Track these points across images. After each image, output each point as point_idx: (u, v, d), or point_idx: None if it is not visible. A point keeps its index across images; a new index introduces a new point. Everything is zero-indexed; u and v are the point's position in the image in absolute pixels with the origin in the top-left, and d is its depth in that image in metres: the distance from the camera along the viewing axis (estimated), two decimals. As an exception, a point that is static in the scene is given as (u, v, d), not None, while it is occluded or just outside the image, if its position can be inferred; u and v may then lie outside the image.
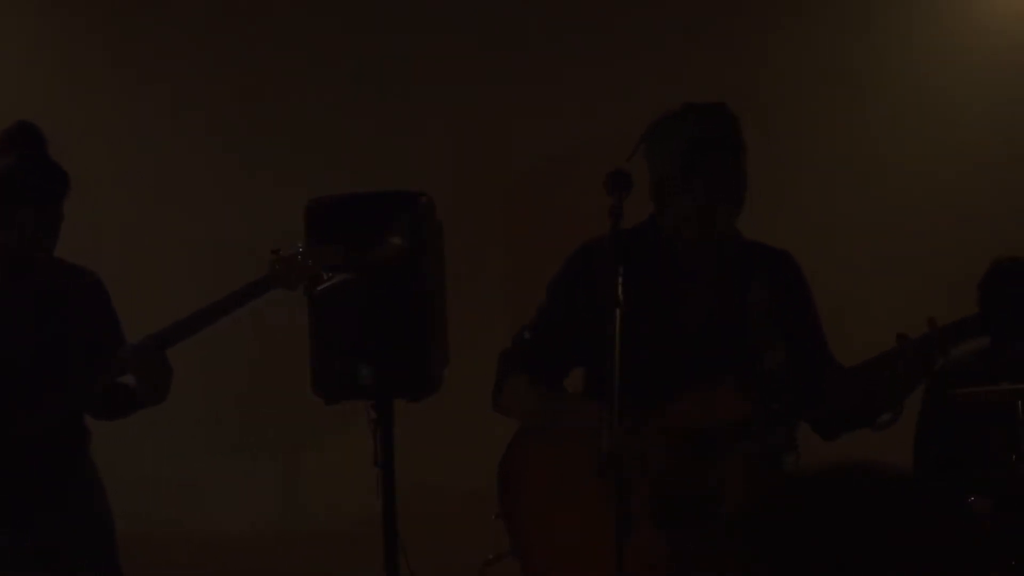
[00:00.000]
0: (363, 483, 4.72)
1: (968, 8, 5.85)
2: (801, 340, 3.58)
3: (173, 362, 4.02)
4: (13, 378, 4.00)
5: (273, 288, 3.99)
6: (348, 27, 6.02)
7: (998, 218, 5.66)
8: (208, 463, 5.66)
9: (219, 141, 6.01)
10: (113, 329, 4.14)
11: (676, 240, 3.57)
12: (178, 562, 4.34)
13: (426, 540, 4.72)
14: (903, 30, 5.85)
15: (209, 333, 4.07)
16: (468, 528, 4.40)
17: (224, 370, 5.75)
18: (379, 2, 6.05)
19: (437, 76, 5.95)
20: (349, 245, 4.26)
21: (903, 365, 3.35)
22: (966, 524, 1.44)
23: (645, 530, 3.40)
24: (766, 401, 3.44)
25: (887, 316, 3.44)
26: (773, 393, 3.45)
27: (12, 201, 3.95)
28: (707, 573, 3.11)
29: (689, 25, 5.93)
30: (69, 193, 4.03)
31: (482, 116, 5.92)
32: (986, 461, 4.57)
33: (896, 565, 1.38)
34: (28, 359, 4.02)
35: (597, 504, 3.40)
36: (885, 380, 3.36)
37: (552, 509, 3.55)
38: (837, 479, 1.47)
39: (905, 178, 5.82)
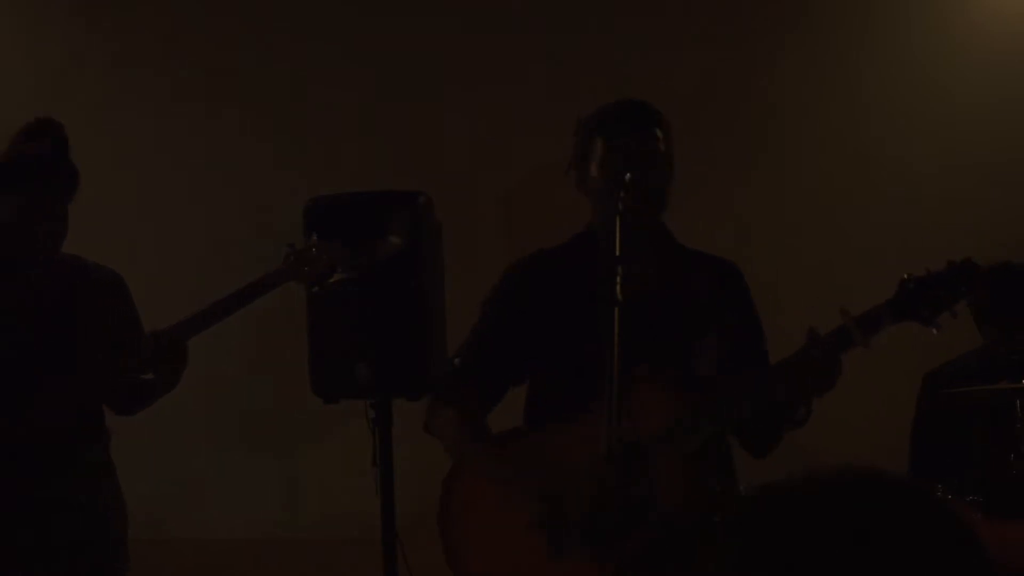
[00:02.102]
0: (362, 482, 4.73)
1: (968, 7, 5.86)
2: (736, 349, 3.50)
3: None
4: (21, 373, 4.01)
5: (286, 281, 4.02)
6: (348, 27, 6.02)
7: (997, 217, 5.66)
8: (206, 463, 5.66)
9: (219, 141, 6.01)
10: (132, 326, 4.16)
11: (609, 238, 3.51)
12: (175, 563, 4.35)
13: (425, 540, 4.71)
14: (903, 29, 5.85)
15: (207, 332, 4.08)
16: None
17: (222, 370, 5.75)
18: (379, 2, 6.06)
19: (437, 76, 5.95)
20: (351, 243, 4.28)
21: (819, 357, 3.27)
22: (964, 527, 1.43)
23: (572, 556, 3.35)
24: (695, 399, 3.36)
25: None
26: (703, 391, 3.38)
27: (31, 194, 4.01)
28: None
29: (689, 26, 5.93)
30: (74, 190, 4.08)
31: (482, 116, 5.92)
32: (984, 461, 4.57)
33: (891, 570, 1.38)
34: (37, 355, 4.04)
35: (529, 529, 3.39)
36: (802, 374, 3.28)
37: (486, 539, 3.51)
38: (830, 484, 1.47)
39: (905, 177, 5.82)
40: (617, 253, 3.15)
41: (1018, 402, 4.39)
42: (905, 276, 3.31)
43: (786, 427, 3.45)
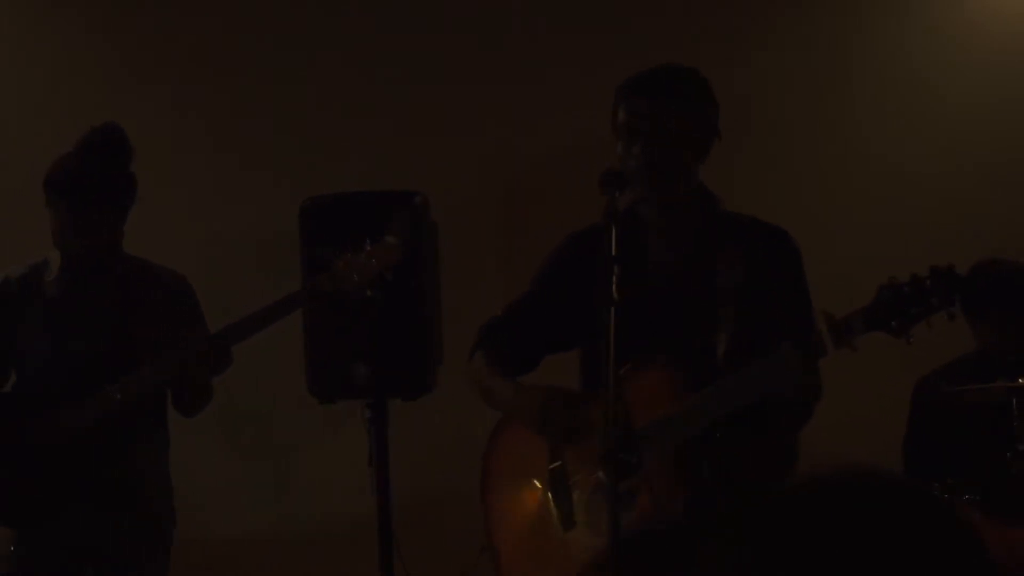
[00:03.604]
0: (358, 483, 4.72)
1: (962, 6, 5.86)
2: (772, 325, 3.38)
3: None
4: (86, 374, 4.07)
5: (330, 291, 4.01)
6: (347, 27, 6.02)
7: (993, 217, 5.66)
8: (203, 463, 5.65)
9: (218, 141, 6.00)
10: (194, 328, 4.20)
11: (643, 217, 3.48)
12: (172, 562, 4.35)
13: (421, 540, 4.72)
14: (896, 28, 5.85)
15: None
16: (463, 528, 4.40)
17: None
18: (378, 2, 6.05)
19: (436, 76, 5.94)
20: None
21: (796, 364, 3.21)
22: (964, 526, 1.43)
23: (582, 527, 3.38)
24: (694, 392, 3.31)
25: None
26: (711, 379, 3.31)
27: (75, 201, 4.08)
28: None
29: (690, 26, 5.93)
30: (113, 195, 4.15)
31: (480, 116, 5.92)
32: (979, 460, 4.57)
33: (892, 569, 1.38)
34: (102, 356, 4.11)
35: (543, 505, 3.41)
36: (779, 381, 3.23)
37: (511, 502, 3.53)
38: (830, 484, 1.46)
39: (898, 176, 5.82)
40: (613, 253, 3.12)
41: (1014, 401, 4.39)
42: (886, 282, 3.19)
43: (783, 423, 3.42)
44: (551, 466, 3.43)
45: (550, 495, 3.43)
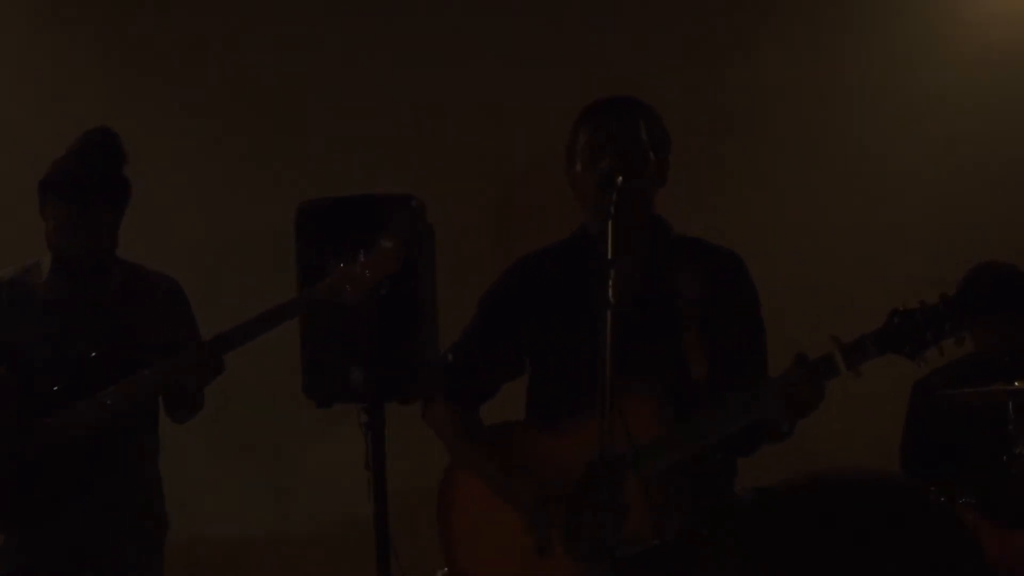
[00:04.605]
0: (354, 486, 4.72)
1: (955, 6, 5.86)
2: (729, 346, 3.40)
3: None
4: (80, 380, 4.08)
5: (324, 299, 4.01)
6: (347, 27, 6.02)
7: (993, 217, 5.66)
8: (198, 466, 5.65)
9: (216, 142, 6.01)
10: (188, 334, 4.22)
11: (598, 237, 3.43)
12: (169, 563, 4.36)
13: (417, 543, 4.72)
14: (889, 28, 5.85)
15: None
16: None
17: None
18: (378, 2, 6.05)
19: (436, 77, 5.94)
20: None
21: (804, 383, 3.17)
22: (963, 527, 1.43)
23: (559, 556, 3.34)
24: (674, 418, 3.28)
25: (876, 317, 3.42)
26: (689, 400, 3.29)
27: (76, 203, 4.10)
28: None
29: (687, 26, 5.93)
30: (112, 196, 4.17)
31: (478, 118, 5.92)
32: (976, 462, 4.58)
33: (891, 569, 1.38)
34: (96, 362, 4.12)
35: (518, 529, 3.39)
36: (784, 398, 3.17)
37: (477, 533, 3.52)
38: (831, 484, 1.47)
39: (892, 178, 5.82)
40: (609, 256, 3.11)
41: (1010, 404, 4.40)
42: (898, 308, 3.18)
43: (766, 441, 3.38)
44: (527, 495, 3.41)
45: (526, 520, 3.41)
